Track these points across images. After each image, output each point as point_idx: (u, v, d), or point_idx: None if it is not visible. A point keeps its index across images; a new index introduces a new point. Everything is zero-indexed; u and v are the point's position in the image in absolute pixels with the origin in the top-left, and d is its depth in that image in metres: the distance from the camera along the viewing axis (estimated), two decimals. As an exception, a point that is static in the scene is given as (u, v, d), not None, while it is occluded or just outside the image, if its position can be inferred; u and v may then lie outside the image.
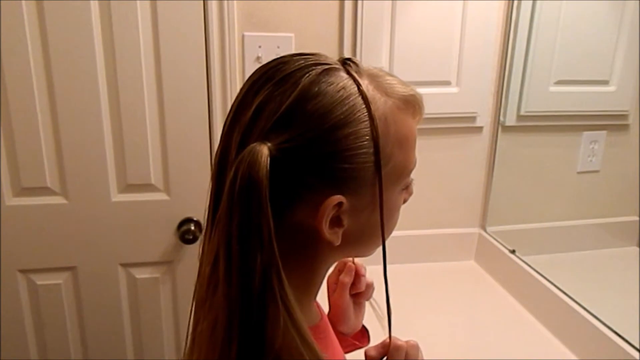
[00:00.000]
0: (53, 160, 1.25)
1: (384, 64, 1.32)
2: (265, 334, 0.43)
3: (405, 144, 0.49)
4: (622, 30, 1.26)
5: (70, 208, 1.29)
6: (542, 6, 1.33)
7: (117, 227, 1.32)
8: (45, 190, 1.27)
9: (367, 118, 0.46)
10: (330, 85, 0.45)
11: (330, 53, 0.51)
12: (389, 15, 1.29)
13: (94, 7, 1.18)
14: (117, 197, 1.31)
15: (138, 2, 1.19)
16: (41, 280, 1.34)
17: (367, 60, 1.31)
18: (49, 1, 1.15)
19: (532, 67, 1.36)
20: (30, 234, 1.29)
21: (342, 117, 0.45)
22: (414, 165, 0.51)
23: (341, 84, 0.46)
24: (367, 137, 0.46)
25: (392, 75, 0.51)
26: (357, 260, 0.69)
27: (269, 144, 0.43)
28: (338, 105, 0.45)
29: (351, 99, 0.45)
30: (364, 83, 0.47)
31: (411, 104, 0.50)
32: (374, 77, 0.49)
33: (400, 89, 0.49)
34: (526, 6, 1.34)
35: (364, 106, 0.46)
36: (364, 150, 0.46)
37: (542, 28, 1.34)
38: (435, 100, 1.36)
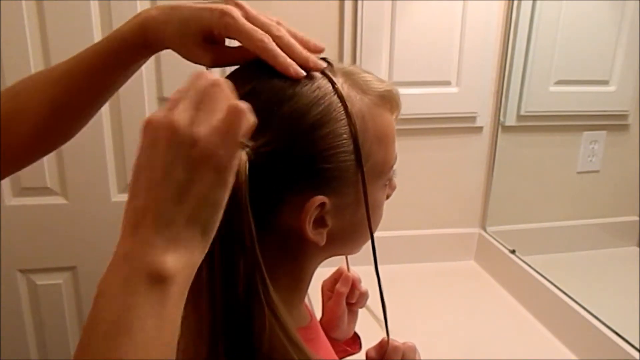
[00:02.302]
0: (53, 160, 1.25)
1: (384, 64, 1.32)
2: (252, 339, 0.43)
3: (385, 140, 0.49)
4: (622, 30, 1.26)
5: (70, 208, 1.29)
6: (542, 6, 1.33)
7: (117, 227, 1.32)
8: (45, 190, 1.27)
9: (344, 116, 0.46)
10: (305, 86, 0.45)
11: (330, 53, 0.51)
12: (389, 15, 1.29)
13: (94, 7, 1.18)
14: (117, 197, 1.31)
15: (138, 2, 1.19)
16: (41, 280, 1.34)
17: (367, 60, 1.31)
18: (49, 1, 1.15)
19: (532, 67, 1.36)
20: (30, 234, 1.29)
21: (318, 117, 0.44)
22: (395, 160, 0.51)
23: (316, 84, 0.46)
24: (346, 136, 0.46)
25: (367, 72, 0.50)
26: (353, 270, 0.69)
27: (247, 149, 0.43)
28: (314, 106, 0.45)
29: (326, 98, 0.45)
30: (339, 81, 0.47)
31: (388, 99, 0.50)
32: (349, 75, 0.48)
33: (376, 85, 0.49)
34: (526, 6, 1.34)
35: (340, 105, 0.46)
36: (343, 149, 0.46)
37: (542, 28, 1.34)
38: (435, 100, 1.36)
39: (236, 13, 0.47)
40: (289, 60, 0.46)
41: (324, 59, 0.49)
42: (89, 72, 0.54)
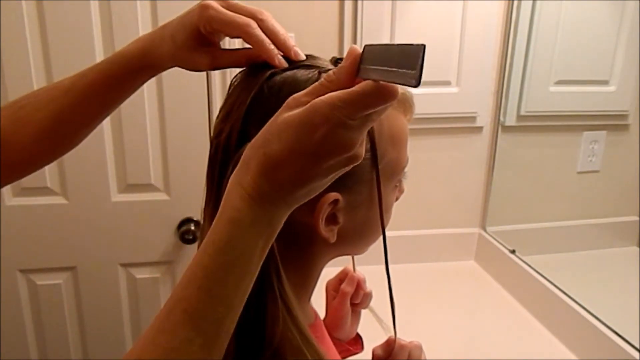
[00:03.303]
0: (53, 160, 1.25)
1: (384, 64, 1.32)
2: (265, 331, 0.43)
3: (398, 141, 0.50)
4: (622, 30, 1.26)
5: (70, 208, 1.29)
6: (542, 6, 1.33)
7: (117, 227, 1.32)
8: (45, 190, 1.27)
9: None
10: None
11: (330, 53, 0.51)
12: (389, 15, 1.29)
13: (94, 7, 1.18)
14: (117, 197, 1.31)
15: (138, 2, 1.19)
16: (41, 280, 1.34)
17: (367, 60, 1.31)
18: (49, 1, 1.15)
19: (532, 67, 1.36)
20: (30, 234, 1.29)
21: None
22: (407, 162, 0.52)
23: None
24: None
25: None
26: (358, 270, 0.69)
27: None
28: None
29: None
30: None
31: (402, 102, 0.50)
32: None
33: None
34: (526, 6, 1.34)
35: None
36: None
37: (542, 28, 1.34)
38: (435, 100, 1.36)
39: (215, 4, 0.47)
40: (274, 49, 0.46)
41: (341, 59, 0.49)
42: (92, 91, 0.55)
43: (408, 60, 0.31)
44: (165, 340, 0.36)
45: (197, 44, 0.50)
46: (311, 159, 0.36)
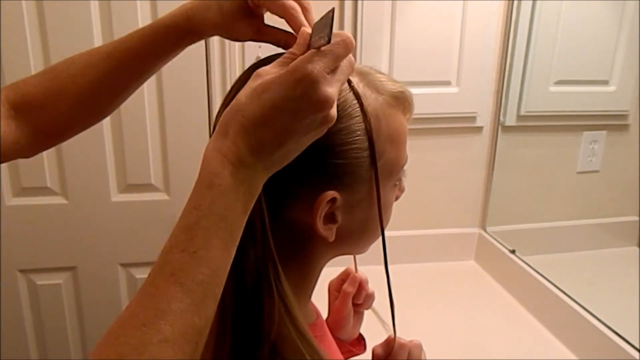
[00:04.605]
0: (53, 160, 1.26)
1: (384, 64, 1.32)
2: (262, 327, 0.43)
3: (397, 140, 0.50)
4: (622, 30, 1.26)
5: (70, 208, 1.29)
6: (542, 6, 1.33)
7: (117, 227, 1.32)
8: (45, 190, 1.27)
9: (359, 113, 0.46)
10: None
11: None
12: (389, 15, 1.29)
13: (94, 7, 1.18)
14: (117, 197, 1.31)
15: (138, 2, 1.19)
16: (41, 280, 1.34)
17: (367, 60, 1.31)
18: (49, 1, 1.15)
19: (532, 67, 1.36)
20: (30, 234, 1.29)
21: None
22: (405, 161, 0.52)
23: None
24: (360, 133, 0.46)
25: (381, 73, 0.51)
26: (361, 271, 0.69)
27: None
28: None
29: (342, 94, 0.46)
30: (355, 80, 0.48)
31: (401, 100, 0.51)
32: (364, 75, 0.49)
33: (390, 86, 0.50)
34: (526, 6, 1.34)
35: (355, 102, 0.46)
36: (357, 145, 0.46)
37: (542, 28, 1.34)
38: (435, 100, 1.36)
39: None
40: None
41: None
42: (131, 56, 0.56)
43: (326, 25, 0.40)
44: (154, 302, 0.36)
45: (243, 14, 0.52)
46: (292, 115, 0.38)
